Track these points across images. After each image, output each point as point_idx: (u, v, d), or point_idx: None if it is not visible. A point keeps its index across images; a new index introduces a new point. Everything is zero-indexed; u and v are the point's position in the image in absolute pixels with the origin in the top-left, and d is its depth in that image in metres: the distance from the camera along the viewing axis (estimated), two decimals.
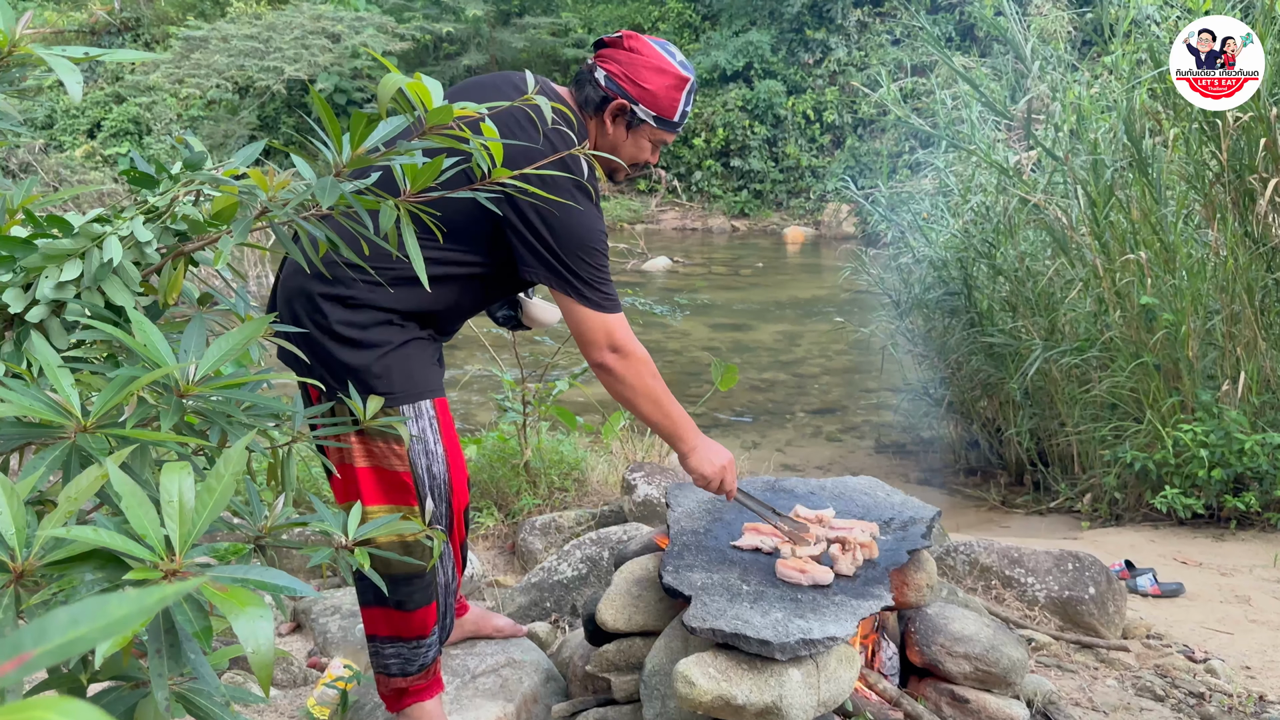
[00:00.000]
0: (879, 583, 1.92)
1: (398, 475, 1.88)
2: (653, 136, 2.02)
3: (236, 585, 0.81)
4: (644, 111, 1.97)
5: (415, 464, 1.89)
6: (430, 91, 1.08)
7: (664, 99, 1.97)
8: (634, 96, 1.96)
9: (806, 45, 19.21)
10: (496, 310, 2.33)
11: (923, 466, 5.85)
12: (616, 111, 1.98)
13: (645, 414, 2.01)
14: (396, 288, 1.83)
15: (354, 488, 1.88)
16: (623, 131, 2.00)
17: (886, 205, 6.75)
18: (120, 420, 1.04)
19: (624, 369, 1.95)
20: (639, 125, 1.99)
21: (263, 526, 1.23)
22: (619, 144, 2.01)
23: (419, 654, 1.99)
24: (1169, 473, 4.14)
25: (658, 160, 2.14)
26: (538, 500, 3.77)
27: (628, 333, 1.95)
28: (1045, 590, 2.92)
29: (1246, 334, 4.25)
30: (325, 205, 1.08)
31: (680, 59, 2.00)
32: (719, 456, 2.08)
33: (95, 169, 16.29)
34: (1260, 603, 3.31)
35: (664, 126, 2.00)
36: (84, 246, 1.17)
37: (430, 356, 1.97)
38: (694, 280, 12.50)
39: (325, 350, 1.84)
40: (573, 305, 1.92)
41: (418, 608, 1.95)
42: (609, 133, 2.00)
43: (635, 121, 1.98)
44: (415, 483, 1.89)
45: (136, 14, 21.74)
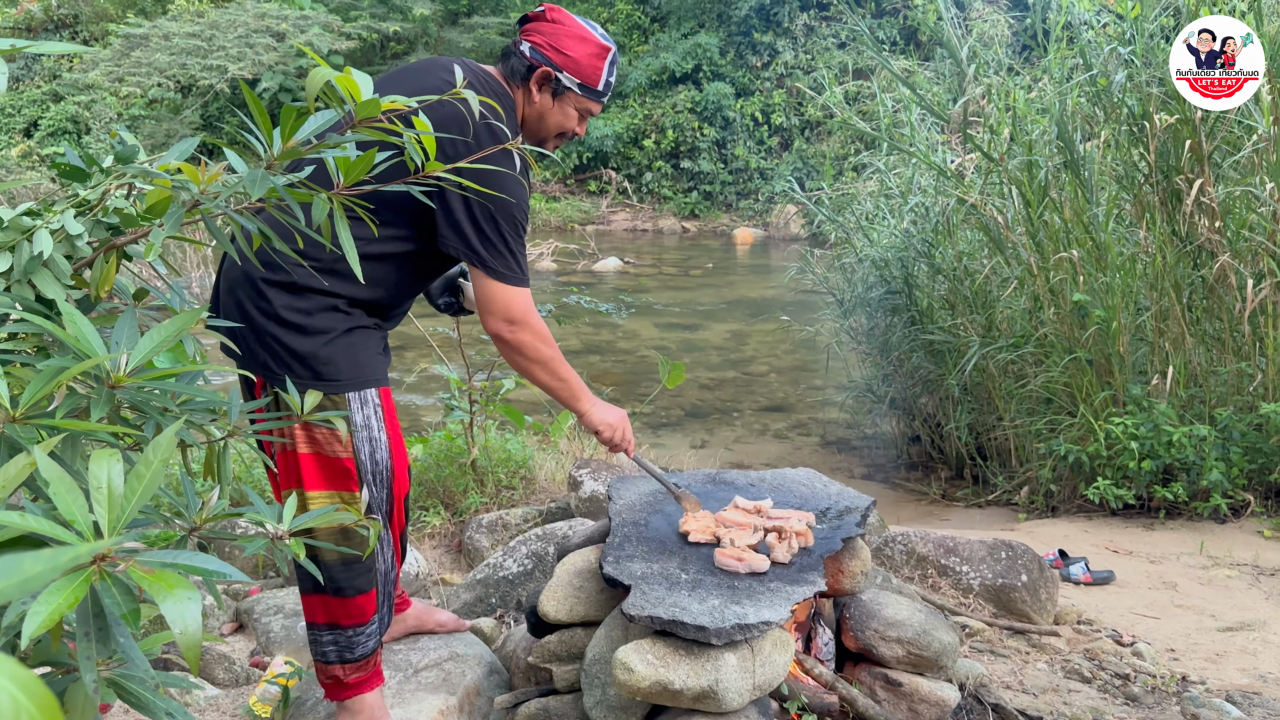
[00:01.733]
0: (813, 569, 1.97)
1: (340, 461, 1.90)
2: (578, 105, 2.06)
3: (165, 569, 0.82)
4: (568, 79, 2.02)
5: (359, 450, 1.91)
6: (359, 85, 1.10)
7: (587, 66, 2.02)
8: (558, 64, 2.01)
9: (754, 48, 19.39)
10: (438, 297, 2.36)
11: (866, 461, 5.95)
12: (542, 79, 2.02)
13: (541, 381, 2.08)
14: (337, 273, 1.85)
15: (294, 474, 1.89)
16: (549, 99, 2.04)
17: (832, 207, 6.85)
18: (49, 410, 1.05)
19: (518, 340, 1.98)
20: (564, 93, 2.03)
21: (198, 519, 1.24)
22: (545, 112, 2.05)
23: (358, 642, 2.01)
24: (1101, 465, 4.26)
25: (584, 133, 2.17)
26: (485, 499, 3.78)
27: (527, 306, 1.98)
28: (980, 578, 3.00)
29: (1175, 330, 4.39)
30: (254, 197, 1.10)
31: (601, 31, 2.07)
32: (613, 413, 2.21)
33: (31, 168, 15.92)
34: (1186, 589, 3.43)
35: (588, 94, 2.05)
36: (14, 240, 1.17)
37: (375, 345, 1.99)
38: (644, 280, 12.55)
39: (271, 335, 1.86)
40: (477, 275, 1.94)
41: (357, 594, 1.97)
42: (536, 101, 2.04)
43: (560, 89, 2.03)
44: (358, 469, 1.92)
45: (74, 10, 21.26)
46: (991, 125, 4.76)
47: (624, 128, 18.69)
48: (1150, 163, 4.28)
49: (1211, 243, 4.22)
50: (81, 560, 0.41)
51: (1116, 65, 4.45)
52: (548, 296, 10.50)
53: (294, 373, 1.83)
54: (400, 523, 2.08)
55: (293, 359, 1.85)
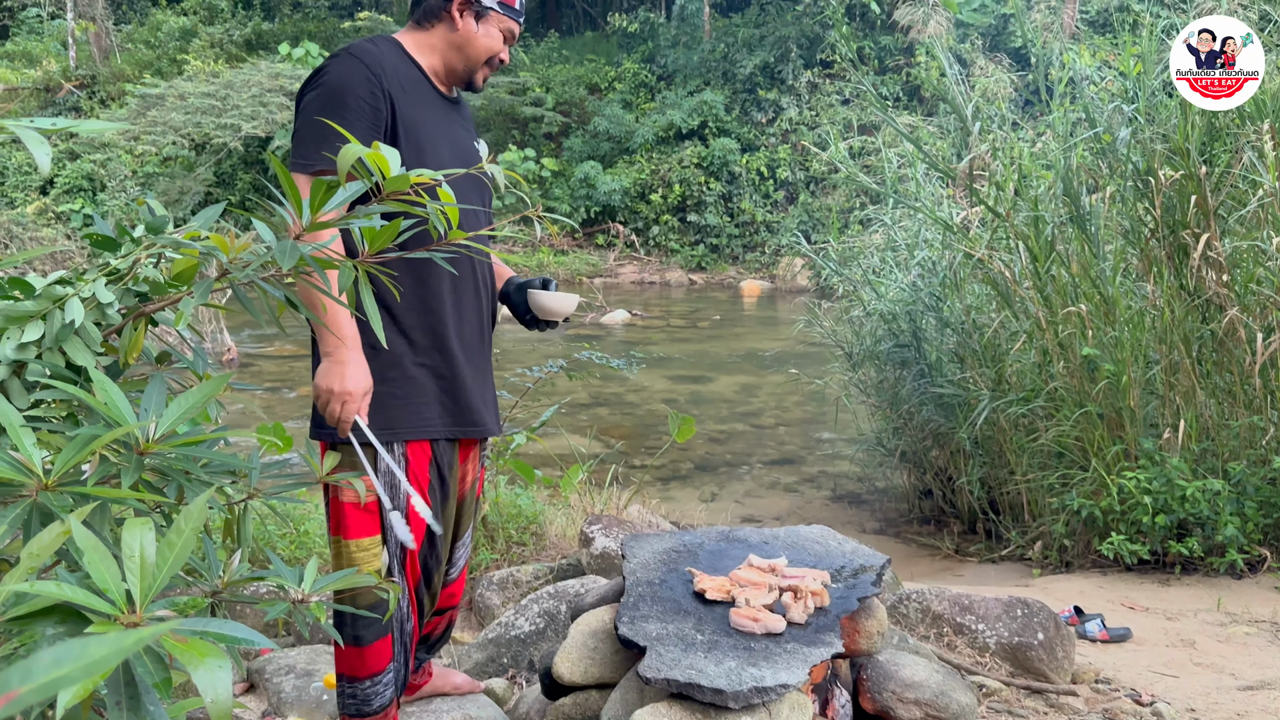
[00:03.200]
0: (830, 630, 1.96)
1: (369, 505, 1.94)
2: (501, 25, 2.07)
3: (196, 637, 0.83)
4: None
5: (381, 498, 1.94)
6: (388, 160, 1.13)
7: None
8: None
9: (759, 105, 19.66)
10: (524, 313, 2.27)
11: (878, 516, 5.92)
12: (463, 3, 2.03)
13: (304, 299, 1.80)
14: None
15: (337, 521, 1.96)
16: (471, 23, 2.05)
17: (838, 260, 6.90)
18: (81, 478, 1.06)
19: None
20: (486, 14, 2.05)
21: (220, 582, 1.25)
22: (471, 37, 2.05)
23: (374, 693, 2.02)
24: (1115, 519, 4.24)
25: (508, 62, 2.18)
26: (495, 555, 3.77)
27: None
28: (996, 637, 2.97)
29: (1185, 383, 4.39)
30: (285, 268, 1.12)
31: None
32: (353, 380, 1.84)
33: (47, 226, 16.13)
34: (1205, 646, 3.39)
35: (509, 12, 2.07)
36: (46, 309, 1.19)
37: (407, 393, 1.97)
38: (652, 334, 12.60)
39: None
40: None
41: (376, 640, 1.99)
42: (459, 28, 2.05)
43: (483, 10, 2.04)
44: (381, 516, 1.96)
45: (93, 72, 21.68)
46: (997, 181, 4.82)
47: (631, 182, 18.89)
48: (1156, 217, 4.32)
49: (1220, 296, 4.24)
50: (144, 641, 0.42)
51: (1120, 122, 4.51)
52: (558, 351, 10.55)
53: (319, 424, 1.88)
54: (415, 575, 2.08)
55: None
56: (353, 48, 1.93)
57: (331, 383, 1.83)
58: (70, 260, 13.64)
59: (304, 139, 1.86)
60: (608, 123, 19.89)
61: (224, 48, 21.95)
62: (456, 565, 2.24)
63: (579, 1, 28.74)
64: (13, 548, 1.04)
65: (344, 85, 1.86)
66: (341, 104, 1.85)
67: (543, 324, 2.28)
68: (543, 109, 20.33)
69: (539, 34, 26.03)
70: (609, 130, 19.87)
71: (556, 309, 2.24)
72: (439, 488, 2.03)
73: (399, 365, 1.96)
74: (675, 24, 22.94)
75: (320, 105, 1.86)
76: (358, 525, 1.94)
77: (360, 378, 1.84)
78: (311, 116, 1.85)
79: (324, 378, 1.84)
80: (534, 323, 2.27)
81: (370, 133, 1.87)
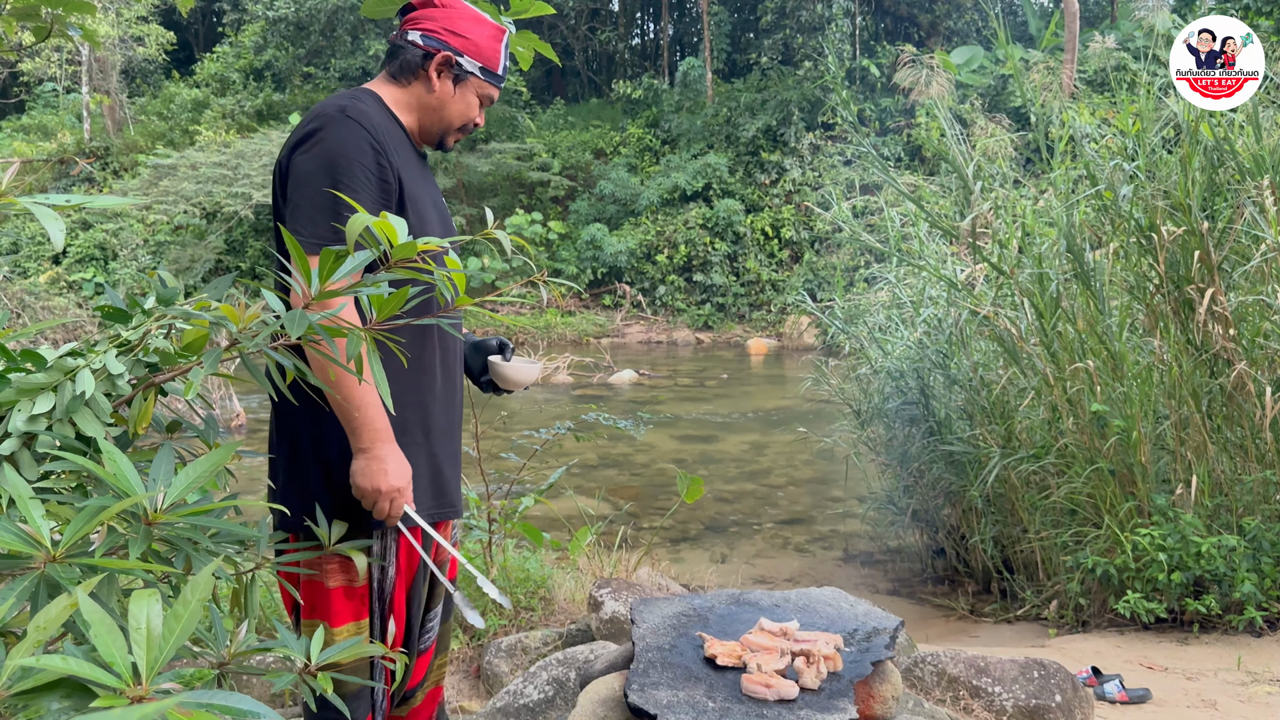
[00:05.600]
0: (844, 695, 1.93)
1: (362, 589, 1.90)
2: (479, 90, 1.97)
3: (201, 710, 0.83)
4: (469, 62, 1.92)
5: (372, 578, 1.91)
6: (395, 229, 1.15)
7: (487, 49, 1.94)
8: (457, 48, 1.91)
9: (762, 167, 19.93)
10: (479, 375, 2.19)
11: (890, 576, 5.86)
12: (442, 64, 1.92)
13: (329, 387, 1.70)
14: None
15: (323, 608, 1.87)
16: (449, 86, 1.94)
17: (844, 318, 6.93)
18: (89, 549, 1.06)
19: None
20: (466, 78, 1.94)
21: (226, 653, 1.24)
22: (447, 100, 1.94)
23: None
24: (1130, 577, 4.18)
25: (482, 125, 2.05)
26: (503, 621, 3.73)
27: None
28: (1012, 699, 2.92)
29: (1196, 438, 4.37)
30: (295, 336, 1.14)
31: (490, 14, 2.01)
32: (396, 475, 1.76)
33: (59, 295, 16.31)
34: (1226, 707, 3.32)
35: (489, 78, 1.96)
36: (57, 380, 1.20)
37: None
38: (659, 393, 12.60)
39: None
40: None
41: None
42: (436, 90, 1.93)
43: (462, 74, 1.93)
44: (370, 595, 1.91)
45: (106, 143, 22.09)
46: (1000, 238, 4.85)
47: (637, 244, 19.08)
48: (1160, 273, 4.33)
49: (1227, 351, 4.23)
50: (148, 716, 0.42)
51: (1121, 179, 4.55)
52: (565, 411, 10.54)
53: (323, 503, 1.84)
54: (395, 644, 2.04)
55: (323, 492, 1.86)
56: (348, 108, 1.81)
57: (378, 482, 1.75)
58: (82, 329, 13.75)
59: (312, 215, 1.75)
60: (613, 186, 20.15)
61: (235, 118, 22.41)
62: (427, 636, 2.16)
63: (584, 69, 29.33)
64: (19, 620, 1.04)
65: (349, 154, 1.76)
66: (349, 174, 1.76)
67: (499, 390, 2.18)
68: (549, 174, 20.63)
69: (545, 101, 26.53)
70: (615, 193, 20.13)
71: (516, 380, 2.13)
72: (422, 570, 2.00)
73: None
74: (678, 89, 23.36)
75: (327, 176, 1.75)
76: (343, 611, 1.86)
77: (403, 470, 1.78)
78: (318, 189, 1.75)
79: (368, 478, 1.75)
80: (489, 387, 2.18)
81: (379, 204, 1.79)
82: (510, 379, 2.12)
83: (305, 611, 1.90)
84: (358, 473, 1.75)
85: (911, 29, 24.05)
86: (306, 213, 1.75)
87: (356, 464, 1.76)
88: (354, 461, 1.76)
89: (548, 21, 26.80)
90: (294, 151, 1.81)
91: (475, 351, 2.17)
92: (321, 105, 1.84)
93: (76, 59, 22.86)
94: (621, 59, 29.67)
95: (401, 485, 1.77)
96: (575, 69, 29.27)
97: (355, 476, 1.76)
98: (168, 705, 0.56)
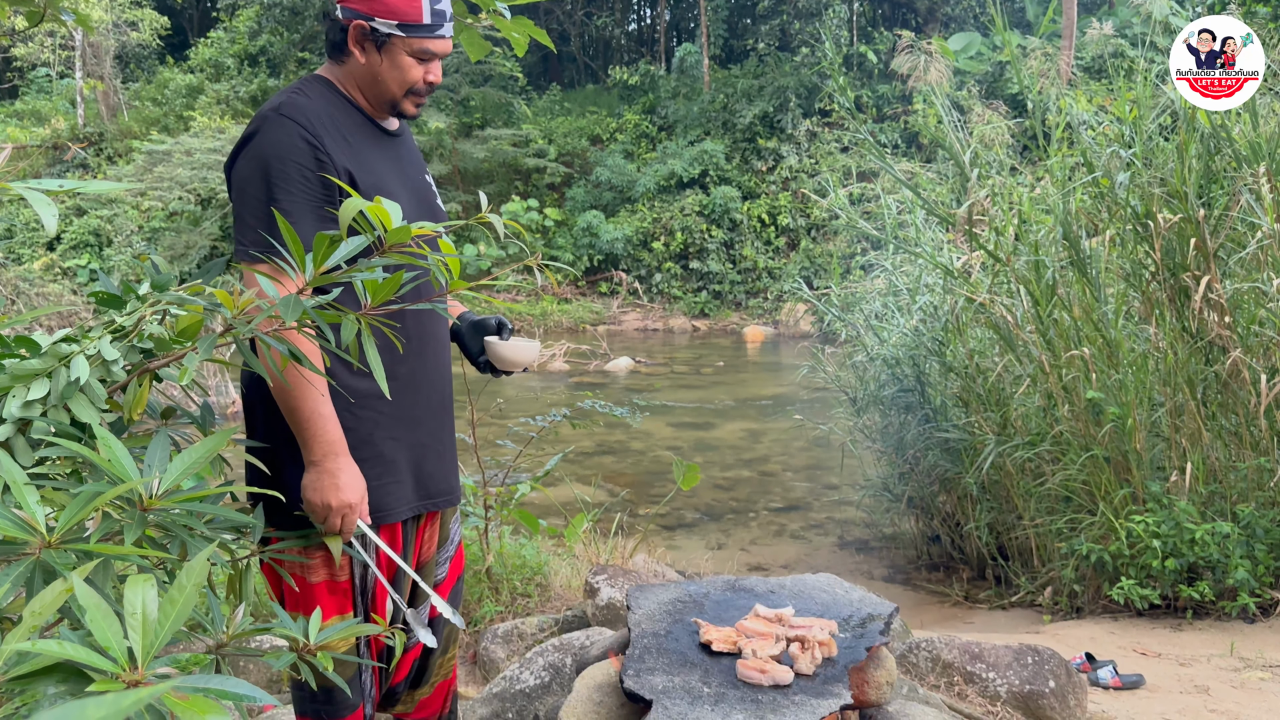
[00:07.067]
0: (838, 681, 1.94)
1: (344, 584, 1.90)
2: (409, 49, 1.82)
3: (198, 694, 0.83)
4: (383, 23, 1.79)
5: (354, 574, 1.90)
6: (389, 213, 1.15)
7: (400, 3, 1.78)
8: (367, 12, 1.79)
9: (759, 153, 19.88)
10: (477, 355, 2.12)
11: (886, 563, 5.87)
12: (359, 37, 1.82)
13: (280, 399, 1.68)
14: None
15: (308, 603, 1.86)
16: (375, 56, 1.83)
17: (840, 305, 6.93)
18: (84, 535, 1.06)
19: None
20: (387, 42, 1.81)
21: (224, 636, 1.24)
22: (377, 70, 1.84)
23: None
24: (1124, 564, 4.20)
25: (440, 80, 1.90)
26: (500, 607, 3.74)
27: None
28: (1006, 685, 2.94)
29: (1190, 426, 4.38)
30: (289, 322, 1.13)
31: None
32: (348, 490, 1.70)
33: (54, 281, 16.26)
34: (1219, 692, 3.34)
35: (415, 32, 1.80)
36: (51, 366, 1.20)
37: (379, 471, 1.86)
38: (656, 381, 12.61)
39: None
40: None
41: (353, 710, 1.94)
42: (364, 63, 1.84)
43: (381, 39, 1.81)
44: (353, 590, 1.91)
45: (100, 129, 21.99)
46: (996, 226, 4.85)
47: (633, 231, 19.05)
48: (1156, 260, 4.34)
49: (1222, 338, 4.24)
50: (144, 700, 0.42)
51: (1118, 166, 4.55)
52: (561, 398, 10.55)
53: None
54: (378, 642, 2.02)
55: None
56: (283, 105, 1.76)
57: (328, 497, 1.69)
58: (77, 316, 13.72)
59: (248, 224, 1.70)
60: (610, 173, 20.11)
61: (230, 104, 22.30)
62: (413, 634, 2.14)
63: (580, 55, 29.22)
64: (15, 606, 1.04)
65: (282, 155, 1.70)
66: (283, 175, 1.70)
67: (497, 371, 2.12)
68: (545, 160, 20.58)
69: (541, 87, 26.44)
70: (611, 180, 20.09)
71: (515, 360, 2.08)
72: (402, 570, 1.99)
73: (370, 442, 1.84)
74: (675, 76, 23.30)
75: (261, 182, 1.70)
76: (327, 606, 1.85)
77: (356, 484, 1.72)
78: (253, 195, 1.70)
79: (317, 492, 1.69)
80: (487, 368, 2.12)
81: (320, 200, 1.73)
82: (508, 359, 2.07)
83: (289, 606, 1.89)
84: (308, 487, 1.70)
85: (909, 15, 23.97)
86: (245, 220, 1.72)
87: (307, 478, 1.70)
88: (305, 475, 1.70)
89: (544, 7, 26.71)
90: (235, 159, 1.79)
91: (474, 331, 2.11)
92: (263, 106, 1.81)
93: (70, 44, 22.75)
94: (618, 45, 29.59)
95: (354, 500, 1.71)
96: (571, 55, 29.18)
97: (305, 491, 1.70)
98: (163, 689, 0.56)
